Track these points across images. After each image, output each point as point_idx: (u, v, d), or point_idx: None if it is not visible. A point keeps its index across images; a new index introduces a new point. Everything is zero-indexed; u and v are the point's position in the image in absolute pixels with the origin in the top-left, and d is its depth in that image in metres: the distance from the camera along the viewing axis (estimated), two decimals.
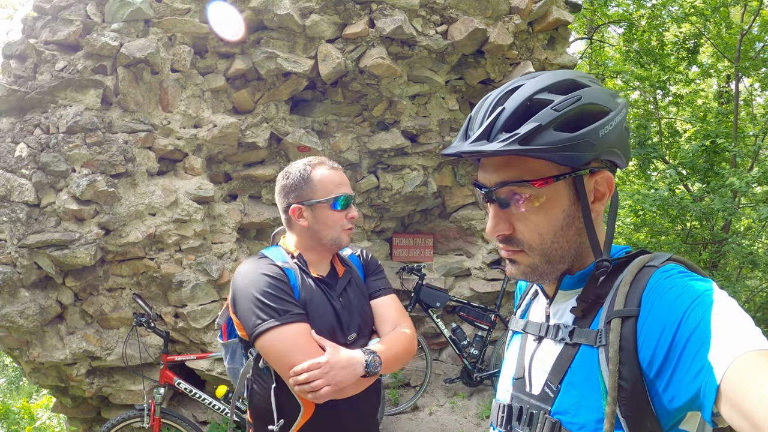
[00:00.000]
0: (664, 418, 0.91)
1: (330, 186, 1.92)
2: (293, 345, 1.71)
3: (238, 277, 1.85)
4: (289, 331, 1.72)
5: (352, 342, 1.90)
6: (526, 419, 1.08)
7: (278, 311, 1.74)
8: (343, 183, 1.96)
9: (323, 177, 1.92)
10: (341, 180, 1.96)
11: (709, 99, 12.68)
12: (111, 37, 4.17)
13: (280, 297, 1.77)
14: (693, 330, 0.86)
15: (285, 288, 1.80)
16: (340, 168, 2.01)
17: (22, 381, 10.32)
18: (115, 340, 4.41)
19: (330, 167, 1.96)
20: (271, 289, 1.77)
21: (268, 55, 4.61)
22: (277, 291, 1.77)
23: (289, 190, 1.94)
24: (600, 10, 11.14)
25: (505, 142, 0.96)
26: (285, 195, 1.95)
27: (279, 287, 1.79)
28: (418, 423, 5.29)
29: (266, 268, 1.84)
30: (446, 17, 4.92)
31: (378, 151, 5.41)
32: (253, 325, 1.74)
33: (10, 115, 4.23)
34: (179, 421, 4.23)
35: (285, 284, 1.82)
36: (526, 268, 1.08)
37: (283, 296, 1.77)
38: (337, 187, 1.93)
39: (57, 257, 4.02)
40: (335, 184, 1.93)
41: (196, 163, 4.62)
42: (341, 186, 1.95)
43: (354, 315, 1.95)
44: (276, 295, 1.77)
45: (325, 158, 2.00)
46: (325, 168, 1.95)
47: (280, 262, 1.89)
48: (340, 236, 1.95)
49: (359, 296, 2.02)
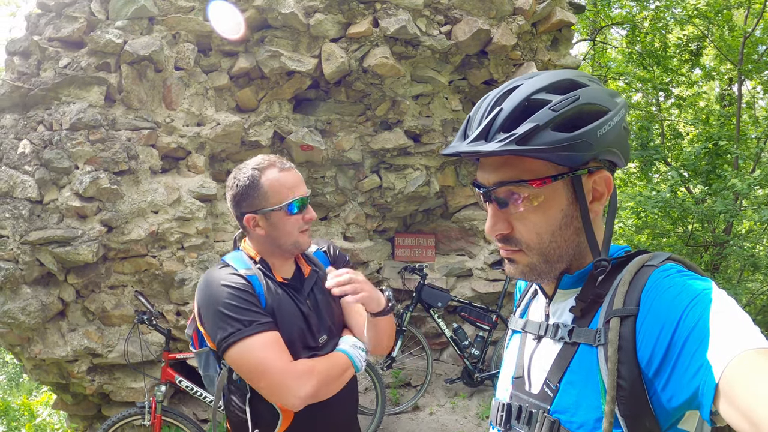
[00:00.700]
0: (663, 417, 0.91)
1: (283, 190, 1.80)
2: (262, 355, 1.67)
3: (201, 289, 1.79)
4: (257, 342, 1.68)
5: (323, 344, 1.86)
6: (525, 418, 1.08)
7: (243, 323, 1.69)
8: (296, 184, 1.84)
9: (274, 182, 1.80)
10: (294, 181, 1.84)
11: (711, 102, 12.66)
12: (115, 34, 4.18)
13: (243, 308, 1.71)
14: (692, 329, 0.86)
15: (249, 298, 1.75)
16: (292, 167, 1.88)
17: (23, 378, 10.33)
18: (117, 338, 4.41)
19: (280, 169, 1.83)
20: (235, 301, 1.71)
21: (272, 54, 4.62)
22: (240, 302, 1.72)
23: (240, 199, 1.83)
24: (603, 11, 11.13)
25: (502, 142, 0.97)
26: (236, 204, 1.85)
27: (242, 298, 1.73)
28: (419, 423, 5.30)
29: (228, 278, 1.77)
30: (450, 17, 4.92)
31: (381, 150, 5.41)
32: (220, 339, 1.70)
33: (14, 112, 4.24)
34: (180, 419, 4.23)
35: (249, 294, 1.76)
36: (525, 267, 1.09)
37: (247, 306, 1.72)
38: (291, 190, 1.82)
39: (59, 254, 4.03)
40: (288, 187, 1.81)
41: (199, 161, 4.63)
42: (295, 188, 1.83)
43: (323, 316, 1.90)
44: (239, 306, 1.71)
45: (275, 158, 1.87)
46: (275, 171, 1.82)
47: (243, 270, 1.82)
48: (298, 240, 1.86)
49: (327, 296, 1.93)
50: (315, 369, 1.73)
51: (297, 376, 1.68)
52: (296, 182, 1.84)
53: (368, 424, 4.91)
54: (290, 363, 1.70)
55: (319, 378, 1.72)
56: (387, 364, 5.40)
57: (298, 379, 1.67)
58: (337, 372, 1.79)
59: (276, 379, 1.67)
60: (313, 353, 1.82)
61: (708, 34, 10.85)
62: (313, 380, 1.70)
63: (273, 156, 1.89)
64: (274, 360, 1.67)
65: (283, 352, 1.71)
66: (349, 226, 5.67)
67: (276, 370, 1.67)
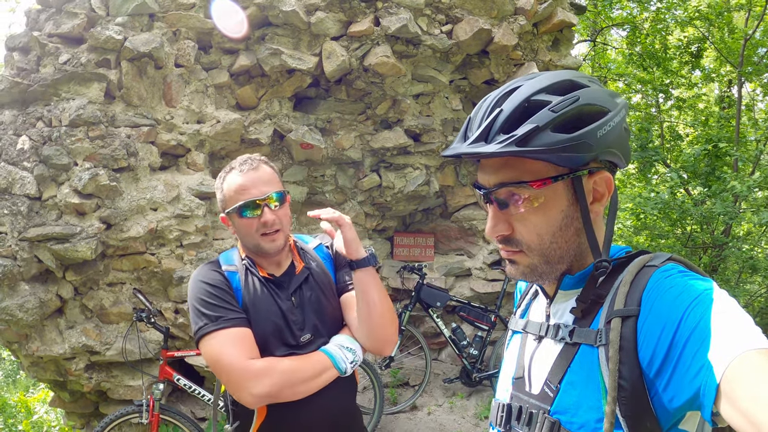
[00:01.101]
0: (664, 417, 0.91)
1: (234, 195, 1.80)
2: (222, 351, 1.70)
3: (189, 285, 1.87)
4: (220, 337, 1.71)
5: (306, 343, 1.82)
6: (525, 419, 1.08)
7: (211, 318, 1.73)
8: (249, 187, 1.80)
9: (230, 185, 1.82)
10: (247, 184, 1.80)
11: (710, 103, 12.67)
12: (115, 30, 4.17)
13: (213, 303, 1.76)
14: (693, 329, 0.86)
15: (220, 294, 1.79)
16: (254, 168, 1.84)
17: (20, 374, 10.32)
18: (115, 335, 4.41)
19: (240, 171, 1.82)
20: (206, 297, 1.77)
21: (273, 52, 4.61)
22: (211, 298, 1.77)
23: (218, 200, 1.90)
24: (604, 12, 11.14)
25: (502, 144, 0.97)
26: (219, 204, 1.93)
27: (214, 294, 1.78)
28: (417, 422, 5.29)
29: (206, 274, 1.83)
30: (451, 17, 4.92)
31: (381, 149, 5.41)
32: (193, 332, 1.76)
33: (13, 108, 4.23)
34: (178, 417, 4.22)
35: (222, 290, 1.80)
36: (525, 268, 1.09)
37: (217, 303, 1.76)
38: (241, 194, 1.79)
39: (58, 251, 4.02)
40: (239, 191, 1.79)
41: (198, 158, 4.62)
42: (246, 191, 1.79)
43: (308, 314, 1.86)
44: (209, 302, 1.76)
45: (247, 158, 1.87)
46: (235, 173, 1.83)
47: (225, 266, 1.88)
48: (258, 243, 1.83)
49: (318, 293, 1.90)
50: (275, 368, 1.70)
51: (253, 374, 1.67)
52: (251, 184, 1.80)
53: (366, 423, 4.91)
54: (248, 361, 1.69)
55: (278, 378, 1.69)
56: (385, 364, 5.40)
57: (253, 377, 1.66)
58: (308, 373, 1.73)
59: (232, 376, 1.68)
60: (291, 351, 1.79)
61: (708, 36, 10.85)
62: (269, 379, 1.67)
63: (247, 156, 1.89)
64: (231, 356, 1.69)
65: (243, 349, 1.71)
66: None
67: (232, 367, 1.68)
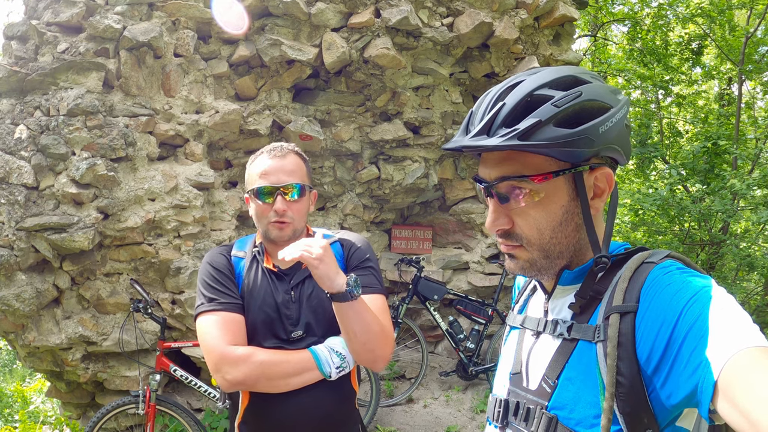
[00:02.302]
0: (662, 414, 0.92)
1: (255, 176, 1.81)
2: (208, 332, 1.74)
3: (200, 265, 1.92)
4: (210, 319, 1.75)
5: (297, 339, 1.79)
6: (522, 414, 1.08)
7: (207, 299, 1.78)
8: (271, 172, 1.79)
9: (255, 166, 1.83)
10: (270, 169, 1.79)
11: (710, 101, 12.66)
12: (114, 19, 4.14)
13: (212, 286, 1.80)
14: (691, 326, 0.86)
15: (221, 278, 1.82)
16: (283, 155, 1.82)
17: (16, 364, 10.32)
18: (112, 326, 4.40)
19: (269, 155, 1.82)
20: (208, 278, 1.82)
21: (273, 42, 4.59)
22: (212, 281, 1.81)
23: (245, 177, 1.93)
24: (605, 7, 11.11)
25: (504, 137, 0.97)
26: None
27: (214, 277, 1.82)
28: (413, 415, 5.31)
29: (213, 257, 1.88)
30: (452, 9, 4.90)
31: (380, 141, 5.40)
32: (194, 310, 1.82)
33: (11, 97, 4.21)
34: (174, 408, 4.22)
35: (223, 274, 1.84)
36: (525, 263, 1.09)
37: (215, 285, 1.80)
38: (261, 177, 1.79)
39: (55, 241, 4.01)
40: (260, 174, 1.80)
41: (197, 149, 4.60)
42: (266, 176, 1.79)
43: (304, 310, 1.82)
44: (209, 284, 1.81)
45: (277, 144, 1.87)
46: (263, 157, 1.83)
47: (235, 251, 1.92)
48: (267, 229, 1.83)
49: (319, 291, 1.81)
50: (254, 358, 1.69)
51: (231, 359, 1.69)
52: (273, 170, 1.80)
53: (362, 415, 4.92)
54: (228, 346, 1.72)
55: (255, 367, 1.67)
56: None
57: (229, 363, 1.69)
58: (288, 369, 1.70)
59: (211, 357, 1.72)
60: (279, 345, 1.79)
61: (710, 33, 10.83)
62: (245, 367, 1.68)
63: (283, 143, 1.90)
64: (215, 339, 1.72)
65: (227, 334, 1.73)
66: (347, 216, 5.66)
67: (213, 349, 1.71)
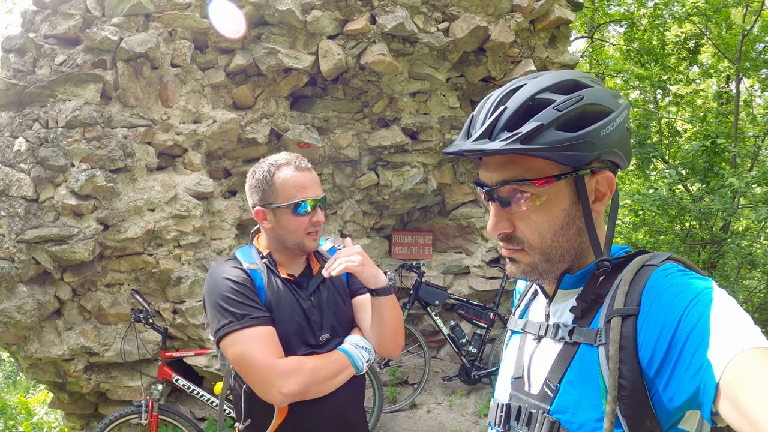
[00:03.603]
0: (664, 417, 0.91)
1: (292, 190, 1.83)
2: (250, 349, 1.69)
3: (207, 280, 1.84)
4: (247, 335, 1.70)
5: (324, 342, 1.85)
6: (524, 419, 1.08)
7: (237, 315, 1.72)
8: (308, 186, 1.86)
9: (285, 180, 1.83)
10: (306, 183, 1.86)
11: (708, 99, 12.67)
12: (111, 31, 4.16)
13: (239, 301, 1.74)
14: (692, 328, 0.86)
15: (246, 292, 1.77)
16: (309, 168, 1.90)
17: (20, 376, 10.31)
18: (113, 336, 4.40)
19: (295, 168, 1.86)
20: (232, 294, 1.75)
21: (269, 51, 4.60)
22: (237, 295, 1.75)
23: (254, 191, 1.88)
24: (601, 8, 11.13)
25: (506, 141, 0.97)
26: (250, 195, 1.90)
27: (240, 291, 1.76)
28: (416, 421, 5.29)
29: (230, 271, 1.81)
30: (448, 14, 4.91)
31: (378, 148, 5.40)
32: (215, 330, 1.74)
33: (9, 110, 4.21)
34: (177, 418, 4.22)
35: (247, 288, 1.78)
36: (526, 267, 1.08)
37: (243, 300, 1.75)
38: (300, 192, 1.84)
39: (55, 252, 4.01)
40: (298, 188, 1.84)
41: (195, 158, 4.61)
42: (305, 190, 1.85)
43: (327, 314, 1.89)
44: (235, 299, 1.74)
45: (294, 157, 1.90)
46: (290, 169, 1.85)
47: (246, 264, 1.86)
48: (303, 241, 1.87)
49: (334, 294, 1.94)
50: (303, 366, 1.72)
51: (282, 372, 1.68)
52: (309, 183, 1.86)
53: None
54: (277, 359, 1.70)
55: (306, 376, 1.71)
56: (384, 362, 5.40)
57: (283, 376, 1.67)
58: (330, 370, 1.77)
59: (260, 374, 1.68)
60: (311, 351, 1.81)
61: (706, 31, 10.85)
62: (298, 377, 1.69)
63: (295, 155, 1.91)
64: (260, 354, 1.68)
65: (271, 348, 1.71)
66: (347, 223, 5.66)
67: (261, 366, 1.67)
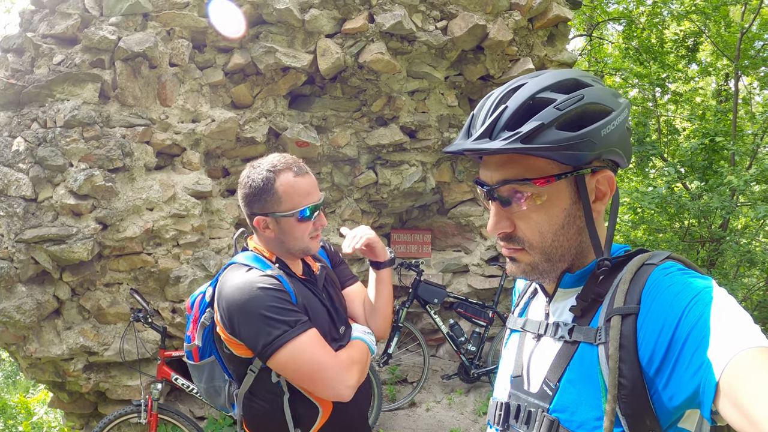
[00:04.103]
0: (664, 416, 0.91)
1: (296, 198, 1.79)
2: (314, 352, 1.70)
3: (231, 295, 1.72)
4: (305, 341, 1.69)
5: (343, 335, 1.93)
6: (524, 417, 1.08)
7: (289, 323, 1.68)
8: (311, 191, 1.83)
9: (288, 187, 1.79)
10: (308, 188, 1.82)
11: (707, 97, 12.67)
12: (109, 30, 4.15)
13: (285, 308, 1.71)
14: (692, 327, 0.86)
15: (286, 297, 1.74)
16: (307, 171, 1.86)
17: (19, 376, 10.31)
18: (113, 336, 4.40)
19: (295, 173, 1.81)
20: (276, 302, 1.70)
21: (267, 50, 4.60)
22: (281, 303, 1.71)
23: (252, 199, 1.82)
24: (600, 7, 11.13)
25: (507, 140, 0.96)
26: (248, 204, 1.84)
27: (281, 298, 1.72)
28: (416, 419, 5.30)
29: (261, 280, 1.74)
30: (446, 13, 4.91)
31: (377, 146, 5.40)
32: (264, 344, 1.67)
33: (8, 109, 4.21)
34: (176, 417, 4.22)
35: (285, 293, 1.75)
36: (527, 266, 1.08)
37: (288, 307, 1.72)
38: (304, 198, 1.80)
39: (54, 252, 4.01)
40: (301, 194, 1.80)
41: (194, 157, 4.60)
42: (308, 195, 1.82)
43: (339, 309, 1.98)
44: (282, 307, 1.70)
45: (291, 160, 1.85)
46: (290, 175, 1.80)
47: (269, 271, 1.80)
48: (308, 246, 1.87)
49: (335, 289, 2.05)
50: (354, 358, 1.81)
51: (345, 367, 1.75)
52: (311, 188, 1.84)
53: None
54: (337, 356, 1.76)
55: (359, 366, 1.81)
56: (383, 361, 5.39)
57: (347, 370, 1.74)
58: (365, 358, 1.88)
59: (330, 374, 1.71)
60: (339, 345, 1.87)
61: (705, 29, 10.85)
62: (356, 369, 1.78)
63: (291, 157, 1.86)
64: (324, 356, 1.72)
65: (327, 347, 1.76)
66: (345, 222, 5.66)
67: (328, 365, 1.71)
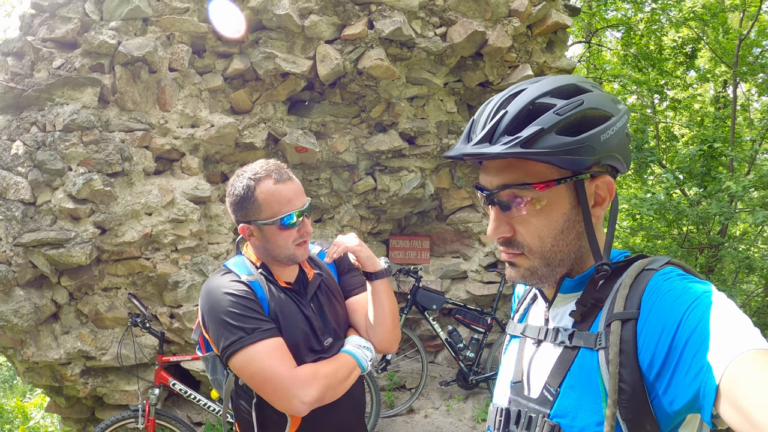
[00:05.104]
0: (664, 420, 0.91)
1: (275, 206, 1.76)
2: (266, 362, 1.67)
3: (203, 296, 1.78)
4: (260, 349, 1.67)
5: (328, 347, 1.85)
6: (524, 423, 1.07)
7: (246, 330, 1.68)
8: (292, 197, 1.79)
9: (267, 195, 1.76)
10: (289, 194, 1.78)
11: (706, 104, 12.71)
12: (109, 35, 4.16)
13: (245, 315, 1.70)
14: (692, 331, 0.86)
15: (251, 305, 1.73)
16: (290, 177, 1.82)
17: (16, 380, 10.27)
18: (110, 340, 4.39)
19: (276, 180, 1.77)
20: (237, 308, 1.70)
21: (267, 56, 4.60)
22: (242, 309, 1.70)
23: (235, 207, 1.81)
24: (598, 14, 11.17)
25: (507, 145, 0.97)
26: (233, 211, 1.84)
27: (244, 305, 1.71)
28: (414, 426, 5.28)
29: (230, 285, 1.76)
30: (445, 19, 4.92)
31: (376, 152, 5.40)
32: (223, 347, 1.69)
33: (7, 113, 4.21)
34: (174, 422, 4.20)
35: (251, 300, 1.74)
36: (526, 271, 1.08)
37: (249, 314, 1.71)
38: (285, 205, 1.77)
39: (52, 256, 4.00)
40: (281, 202, 1.77)
41: (193, 162, 4.60)
42: (289, 203, 1.78)
43: (327, 319, 1.90)
44: (242, 313, 1.70)
45: (273, 167, 1.82)
46: (270, 182, 1.77)
47: (245, 276, 1.81)
48: (294, 253, 1.83)
49: (331, 298, 1.95)
50: (319, 373, 1.72)
51: (301, 381, 1.67)
52: (292, 195, 1.79)
53: None
54: (294, 369, 1.69)
55: (324, 382, 1.71)
56: (382, 367, 5.38)
57: (302, 385, 1.67)
58: (342, 374, 1.78)
59: (280, 386, 1.66)
60: (318, 356, 1.81)
61: (703, 36, 10.89)
62: (317, 385, 1.69)
63: (273, 164, 1.84)
64: (277, 367, 1.66)
65: (286, 358, 1.70)
66: (344, 228, 5.66)
67: (280, 377, 1.66)
